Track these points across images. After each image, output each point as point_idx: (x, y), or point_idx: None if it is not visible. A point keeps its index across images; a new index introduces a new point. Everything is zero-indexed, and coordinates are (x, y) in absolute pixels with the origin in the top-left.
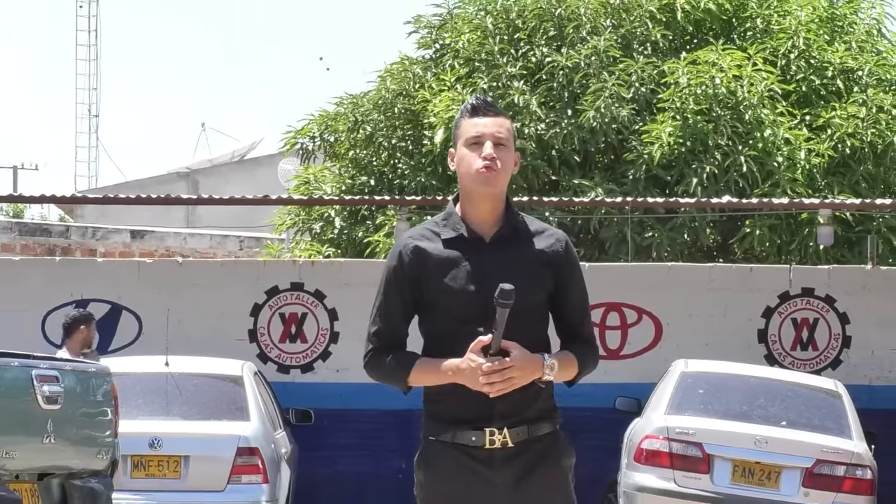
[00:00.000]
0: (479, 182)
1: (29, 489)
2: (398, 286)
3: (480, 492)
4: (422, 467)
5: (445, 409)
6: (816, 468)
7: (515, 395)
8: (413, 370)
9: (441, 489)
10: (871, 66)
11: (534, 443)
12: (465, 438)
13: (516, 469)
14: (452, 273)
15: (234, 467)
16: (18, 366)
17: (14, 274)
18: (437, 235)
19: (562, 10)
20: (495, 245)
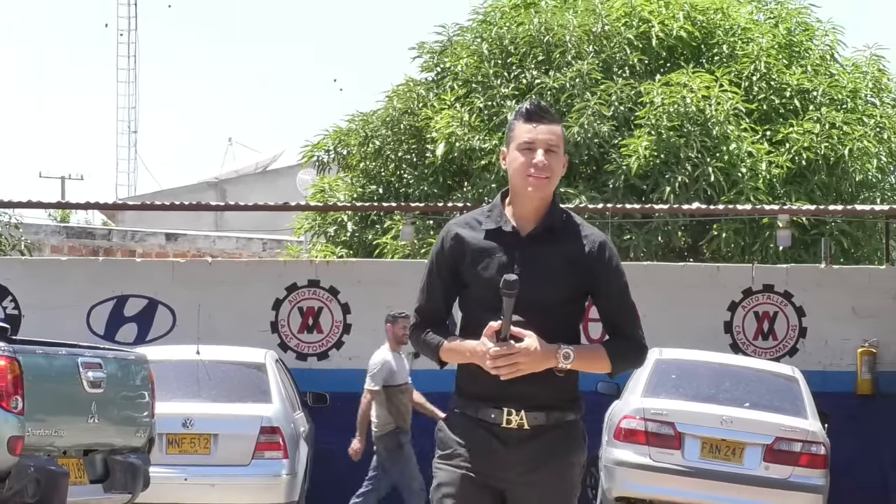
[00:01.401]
0: (529, 187)
1: (75, 464)
2: (439, 269)
3: (492, 465)
4: (444, 432)
5: (471, 385)
6: (776, 445)
7: (533, 381)
8: (442, 348)
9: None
10: (824, 87)
11: (551, 429)
12: (486, 414)
13: (529, 452)
14: (485, 262)
15: (258, 444)
16: (66, 354)
17: (62, 272)
18: (479, 225)
19: (549, 38)
20: (529, 241)
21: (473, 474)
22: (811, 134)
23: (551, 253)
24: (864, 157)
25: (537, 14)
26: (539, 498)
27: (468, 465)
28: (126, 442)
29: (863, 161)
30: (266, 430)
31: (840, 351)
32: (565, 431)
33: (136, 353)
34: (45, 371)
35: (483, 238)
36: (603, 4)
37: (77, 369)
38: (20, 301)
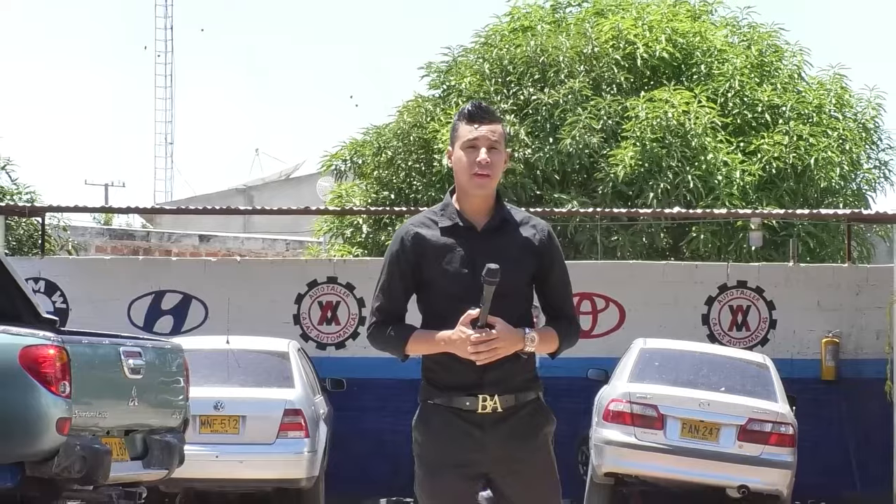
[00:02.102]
0: (473, 185)
1: (117, 443)
2: (400, 267)
3: (472, 451)
4: (419, 428)
5: (442, 376)
6: (748, 425)
7: (504, 366)
8: (410, 341)
9: (436, 447)
10: (792, 103)
11: (520, 408)
12: (460, 403)
13: (504, 432)
14: (448, 257)
15: (282, 425)
16: (109, 344)
17: (105, 270)
18: (435, 223)
19: (544, 58)
20: (486, 234)
21: (454, 466)
22: (780, 145)
23: (507, 243)
24: (828, 166)
25: (533, 37)
26: (526, 470)
27: (448, 458)
28: (163, 423)
29: (827, 170)
30: (289, 412)
31: (806, 341)
32: (532, 408)
33: (171, 343)
34: (90, 359)
35: (440, 235)
36: (593, 28)
37: (119, 357)
38: (68, 296)
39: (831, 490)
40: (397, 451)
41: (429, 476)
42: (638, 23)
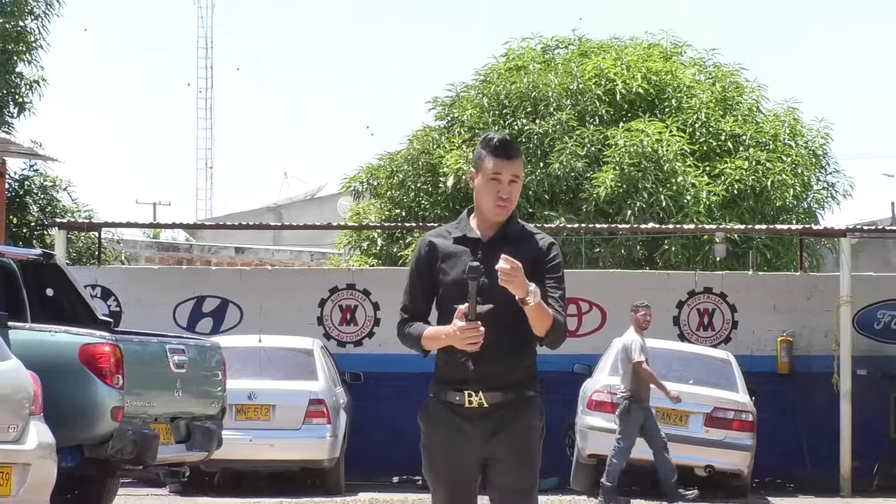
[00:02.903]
0: (494, 214)
1: (164, 428)
2: (419, 272)
3: (461, 442)
4: (423, 419)
5: (440, 372)
6: (714, 413)
7: (492, 365)
8: (422, 337)
9: (435, 440)
10: (751, 132)
11: (507, 405)
12: (451, 397)
13: (489, 425)
14: (453, 262)
15: (307, 413)
16: (156, 342)
17: (153, 278)
18: (449, 234)
19: (535, 93)
20: (490, 244)
21: (449, 453)
22: (741, 169)
23: (509, 252)
24: (783, 187)
25: (526, 75)
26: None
27: (443, 445)
28: (204, 411)
29: (781, 191)
30: (313, 402)
31: (764, 339)
32: (522, 404)
33: (211, 341)
34: (140, 355)
35: (452, 244)
36: (578, 67)
37: (165, 354)
38: (121, 300)
39: (785, 470)
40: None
41: (430, 464)
42: (617, 63)
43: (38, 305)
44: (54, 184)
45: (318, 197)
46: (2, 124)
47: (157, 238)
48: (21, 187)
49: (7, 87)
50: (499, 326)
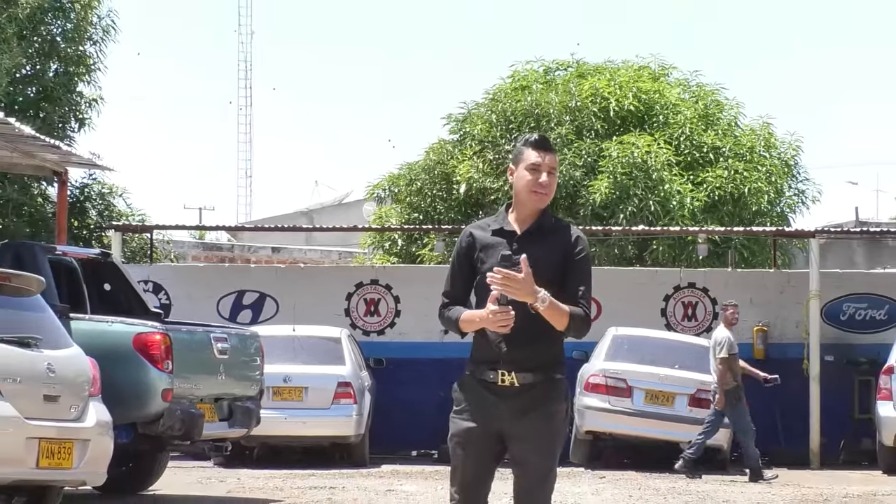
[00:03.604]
0: (532, 199)
1: (208, 408)
2: (459, 261)
3: (491, 416)
4: (457, 392)
5: (476, 352)
6: (697, 394)
7: (524, 348)
8: (460, 320)
9: (465, 411)
10: (730, 145)
11: (537, 386)
12: (485, 375)
13: (519, 403)
14: (491, 252)
15: (336, 394)
16: (202, 331)
17: (199, 275)
18: (488, 227)
19: (538, 111)
20: (524, 236)
21: (477, 424)
22: (721, 178)
23: (541, 245)
24: (758, 194)
25: (530, 94)
26: (527, 438)
27: (473, 417)
28: (244, 392)
29: (757, 197)
30: (341, 384)
31: (742, 329)
32: (550, 386)
33: (250, 331)
34: (187, 343)
35: (490, 235)
36: (576, 87)
37: (210, 342)
38: (170, 294)
39: (761, 445)
40: (425, 415)
41: (455, 429)
42: (611, 83)
43: (96, 299)
44: (111, 191)
45: (346, 202)
46: (64, 138)
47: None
48: (81, 194)
49: (69, 105)
50: (528, 312)
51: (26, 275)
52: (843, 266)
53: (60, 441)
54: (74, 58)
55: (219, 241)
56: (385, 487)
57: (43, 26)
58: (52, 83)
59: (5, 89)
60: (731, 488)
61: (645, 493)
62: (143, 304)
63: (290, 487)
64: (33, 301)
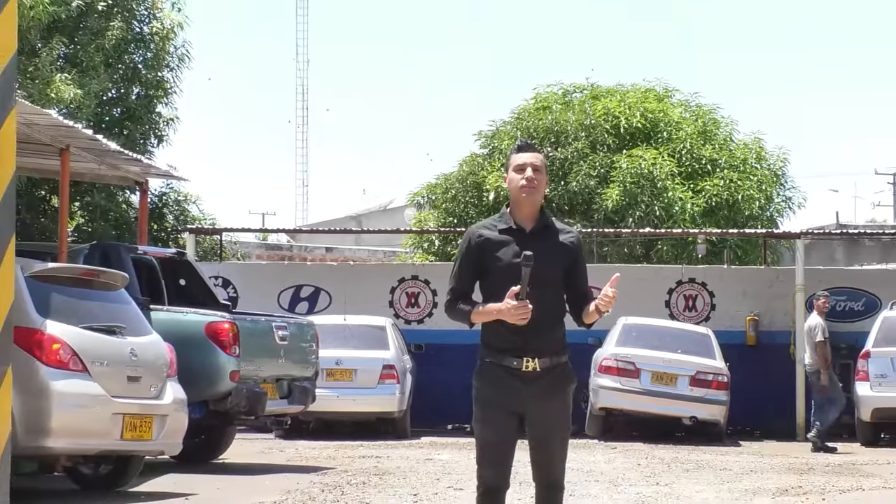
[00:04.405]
0: (522, 194)
1: (270, 387)
2: (469, 259)
3: (514, 398)
4: (478, 378)
5: (495, 341)
6: (697, 375)
7: (543, 337)
8: (473, 312)
9: (488, 391)
10: (726, 157)
11: (554, 368)
12: (509, 362)
13: (541, 385)
14: (504, 251)
15: (381, 375)
16: (264, 320)
17: (262, 271)
18: (494, 227)
19: (558, 128)
20: (533, 234)
21: (502, 407)
22: (718, 186)
23: (549, 242)
24: (750, 200)
25: (550, 113)
26: (548, 414)
27: (498, 401)
28: (301, 373)
29: (749, 203)
30: (386, 367)
31: (736, 318)
32: (562, 369)
33: (307, 320)
34: (252, 331)
35: (499, 234)
36: (590, 107)
37: (272, 330)
38: (238, 288)
39: (753, 421)
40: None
41: (482, 412)
42: (621, 103)
43: (173, 292)
44: (186, 198)
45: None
46: (145, 152)
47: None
48: (160, 201)
49: (149, 124)
50: (545, 305)
51: (112, 271)
52: (825, 263)
53: (142, 416)
54: (154, 83)
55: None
56: (424, 456)
57: (126, 55)
58: (134, 105)
59: (94, 110)
60: (727, 458)
61: (651, 462)
62: (214, 296)
63: (342, 456)
64: (118, 294)
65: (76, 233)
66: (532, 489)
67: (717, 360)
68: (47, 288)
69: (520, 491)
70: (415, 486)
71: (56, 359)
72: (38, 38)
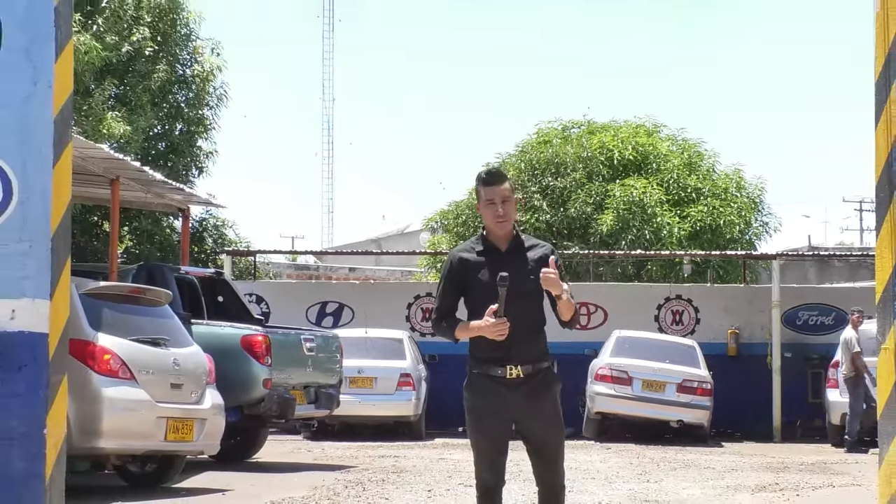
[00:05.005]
0: (497, 228)
1: (299, 393)
2: (451, 280)
3: (502, 405)
4: (468, 389)
5: (481, 354)
6: (683, 383)
7: (523, 345)
8: (457, 329)
9: (478, 401)
10: (709, 186)
11: (536, 374)
12: (494, 371)
13: (524, 391)
14: (482, 271)
15: (399, 382)
16: (294, 333)
17: (292, 289)
18: (473, 249)
19: (557, 160)
20: (508, 254)
21: (490, 414)
22: (702, 212)
23: (522, 260)
24: (731, 225)
25: (551, 147)
26: (538, 418)
27: (488, 408)
28: (327, 381)
29: (730, 228)
30: (403, 375)
31: (718, 332)
32: (544, 374)
33: (332, 333)
34: (282, 343)
35: (477, 256)
36: (587, 141)
37: (300, 341)
38: (270, 304)
39: (734, 424)
40: None
41: (474, 421)
42: (614, 138)
43: (212, 308)
44: (223, 223)
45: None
46: (186, 182)
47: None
48: (200, 226)
49: (191, 157)
50: (522, 317)
51: (157, 289)
52: (799, 282)
53: (183, 419)
54: (195, 120)
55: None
56: (437, 456)
57: (171, 95)
58: (177, 140)
59: (141, 145)
60: (710, 457)
61: (642, 461)
62: (248, 312)
63: (363, 456)
64: (163, 310)
65: (125, 254)
66: (533, 485)
67: (702, 369)
68: (99, 304)
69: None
70: (429, 483)
71: (107, 368)
72: (92, 80)
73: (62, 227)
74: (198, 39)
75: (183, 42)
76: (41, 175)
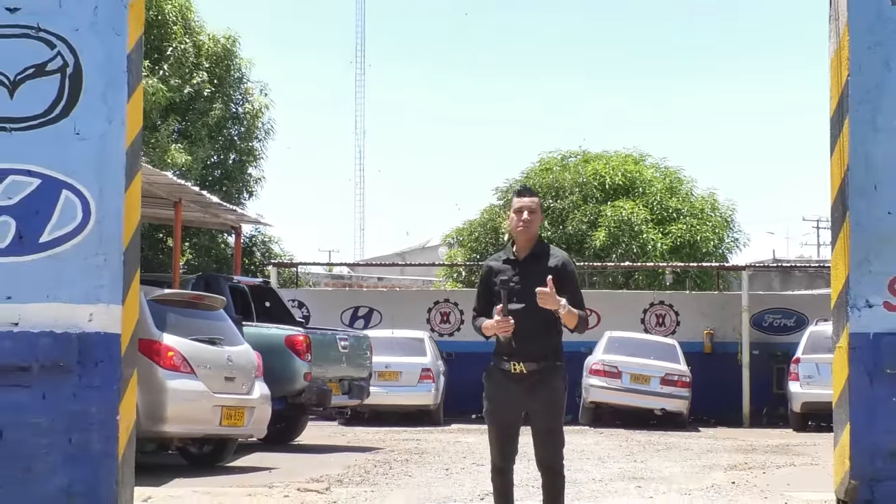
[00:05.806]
0: (519, 232)
1: (335, 385)
2: (482, 284)
3: (508, 393)
4: (486, 378)
5: (497, 349)
6: (666, 376)
7: (528, 345)
8: (482, 327)
9: (492, 391)
10: (687, 207)
11: (539, 371)
12: (503, 365)
13: (525, 385)
14: (502, 276)
15: (420, 376)
16: (331, 334)
17: (329, 296)
18: (500, 258)
19: (557, 185)
20: (525, 262)
21: (502, 401)
22: (681, 230)
23: (537, 267)
24: (707, 241)
25: (551, 173)
26: (538, 408)
27: (499, 396)
28: (359, 375)
29: (706, 243)
30: (424, 370)
31: (696, 332)
32: (550, 370)
33: (363, 334)
34: (320, 341)
35: (501, 264)
36: (583, 168)
37: (336, 341)
38: (309, 309)
39: (710, 413)
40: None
41: (490, 407)
42: (606, 165)
43: (260, 312)
44: (270, 239)
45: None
46: (239, 204)
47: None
48: (250, 241)
49: (242, 183)
50: (530, 318)
51: (213, 296)
52: (765, 289)
53: (236, 408)
54: (246, 151)
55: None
56: (454, 439)
57: (225, 130)
58: (231, 168)
59: (200, 172)
60: (689, 440)
61: (630, 443)
62: (291, 315)
63: (390, 439)
64: (218, 314)
65: (186, 266)
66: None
67: (682, 364)
68: (164, 309)
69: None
70: (446, 463)
71: (170, 363)
72: (158, 117)
73: (133, 242)
74: (249, 82)
75: (236, 84)
76: (115, 199)
